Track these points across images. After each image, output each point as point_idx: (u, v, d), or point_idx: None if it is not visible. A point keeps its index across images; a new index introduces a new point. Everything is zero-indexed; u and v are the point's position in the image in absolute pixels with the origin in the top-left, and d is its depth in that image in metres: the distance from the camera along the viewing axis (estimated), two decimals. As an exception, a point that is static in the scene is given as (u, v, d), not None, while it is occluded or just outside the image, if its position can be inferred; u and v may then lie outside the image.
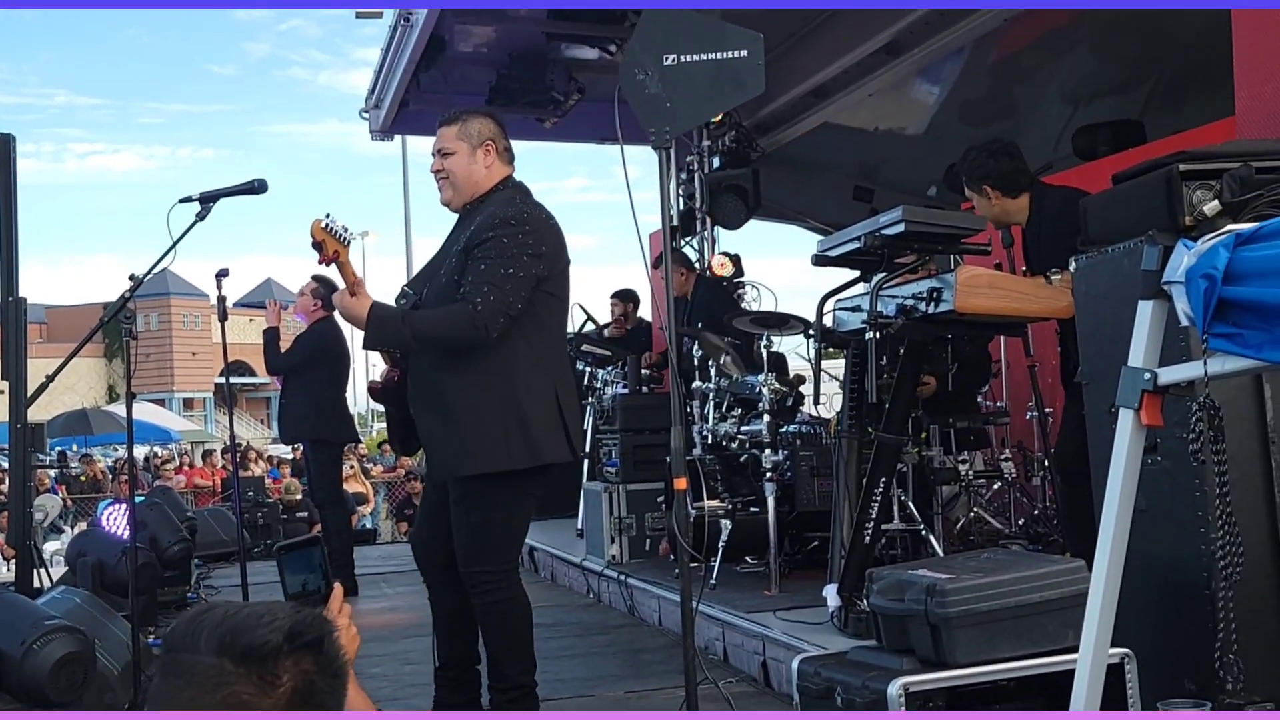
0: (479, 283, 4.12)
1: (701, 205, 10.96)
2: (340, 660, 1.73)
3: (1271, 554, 3.54)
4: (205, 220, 4.95)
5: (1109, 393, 3.33)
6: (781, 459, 6.51)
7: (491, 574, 4.27)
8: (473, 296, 4.11)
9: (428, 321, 4.22)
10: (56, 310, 63.98)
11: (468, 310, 4.10)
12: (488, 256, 4.14)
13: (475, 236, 4.19)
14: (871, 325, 4.91)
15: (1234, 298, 2.08)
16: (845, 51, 9.36)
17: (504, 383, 4.20)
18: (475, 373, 4.21)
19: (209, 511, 11.76)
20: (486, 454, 4.19)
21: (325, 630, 1.71)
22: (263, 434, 56.18)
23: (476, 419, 4.20)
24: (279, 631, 1.65)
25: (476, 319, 4.08)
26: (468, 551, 4.28)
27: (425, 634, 6.77)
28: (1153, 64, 9.25)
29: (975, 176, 5.41)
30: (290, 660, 1.65)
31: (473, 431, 4.20)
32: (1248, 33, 4.66)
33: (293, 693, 1.64)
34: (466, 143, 4.35)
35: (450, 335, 4.19)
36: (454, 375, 4.24)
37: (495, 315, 4.09)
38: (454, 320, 4.15)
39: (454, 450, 4.26)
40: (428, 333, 4.21)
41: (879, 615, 3.81)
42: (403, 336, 4.23)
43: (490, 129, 4.38)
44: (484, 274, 4.12)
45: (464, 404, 4.22)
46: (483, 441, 4.19)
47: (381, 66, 10.58)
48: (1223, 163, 2.53)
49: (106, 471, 22.85)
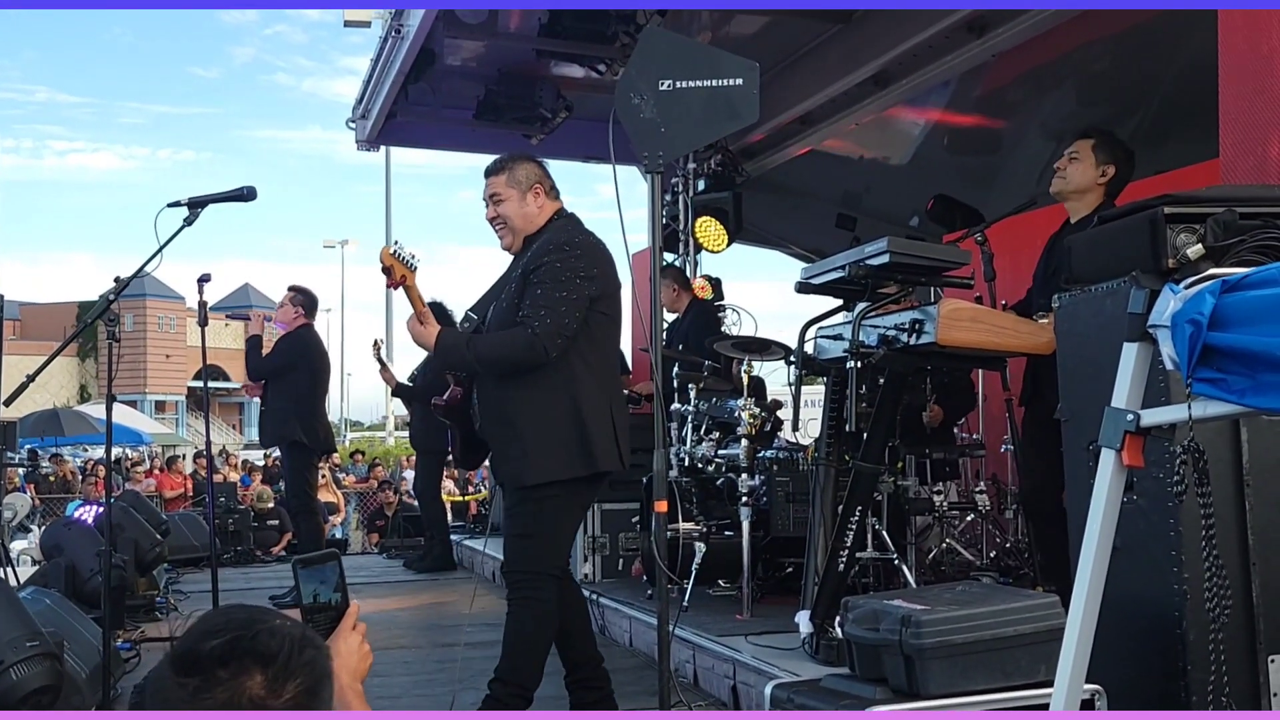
0: (536, 307, 4.40)
1: (685, 227, 11.01)
2: (302, 679, 1.69)
3: (1243, 595, 3.57)
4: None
5: (1088, 431, 3.37)
6: (758, 484, 6.53)
7: (533, 576, 4.50)
8: (530, 320, 4.39)
9: (490, 345, 4.50)
10: (30, 307, 63.63)
11: (526, 334, 4.38)
12: (543, 281, 4.42)
13: (531, 262, 4.49)
14: (853, 354, 4.94)
15: (1218, 344, 2.10)
16: (833, 81, 9.42)
17: (564, 398, 4.45)
18: (538, 389, 4.47)
19: (180, 516, 11.74)
20: (550, 464, 4.45)
21: (281, 646, 1.68)
22: (235, 439, 56.01)
23: (540, 432, 4.46)
24: (219, 640, 1.65)
25: (535, 341, 4.36)
26: (515, 553, 4.55)
27: (394, 646, 6.81)
28: (1136, 103, 9.33)
29: (1106, 147, 5.34)
30: (226, 671, 1.63)
31: (537, 443, 4.46)
32: (1232, 75, 4.71)
33: (224, 704, 1.62)
34: (516, 189, 4.64)
35: (510, 357, 4.45)
36: (518, 391, 4.50)
37: (552, 337, 4.35)
38: (514, 343, 4.42)
39: (520, 461, 4.50)
40: (490, 356, 4.49)
41: (853, 644, 3.83)
42: (467, 360, 4.55)
43: (536, 172, 4.68)
44: (540, 298, 4.40)
45: (528, 418, 4.49)
46: (546, 452, 4.45)
47: (370, 77, 10.58)
48: (1207, 207, 2.55)
49: (76, 472, 22.72)
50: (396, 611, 8.30)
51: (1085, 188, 5.31)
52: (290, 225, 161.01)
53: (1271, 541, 3.60)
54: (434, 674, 6.14)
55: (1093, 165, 5.29)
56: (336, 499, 18.52)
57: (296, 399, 8.52)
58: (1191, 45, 7.54)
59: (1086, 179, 5.30)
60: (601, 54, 9.53)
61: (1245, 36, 4.64)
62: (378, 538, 15.52)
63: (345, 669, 2.23)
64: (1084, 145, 5.33)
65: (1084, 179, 5.30)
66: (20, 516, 14.57)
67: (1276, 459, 3.65)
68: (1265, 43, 4.54)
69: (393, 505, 16.12)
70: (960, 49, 8.27)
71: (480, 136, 11.55)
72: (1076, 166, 5.31)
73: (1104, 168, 5.28)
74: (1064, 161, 5.36)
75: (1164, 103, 9.04)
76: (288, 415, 8.50)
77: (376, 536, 15.85)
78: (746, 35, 9.59)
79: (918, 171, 11.22)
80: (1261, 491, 3.61)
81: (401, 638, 7.15)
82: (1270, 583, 3.58)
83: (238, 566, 11.63)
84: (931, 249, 5.22)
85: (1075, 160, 5.32)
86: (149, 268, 4.93)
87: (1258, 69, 4.58)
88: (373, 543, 15.91)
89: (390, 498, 16.85)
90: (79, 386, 57.27)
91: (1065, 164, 5.35)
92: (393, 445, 38.99)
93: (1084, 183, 5.30)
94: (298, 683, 1.68)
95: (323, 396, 8.85)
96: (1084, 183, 5.30)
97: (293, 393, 8.51)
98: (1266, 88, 4.53)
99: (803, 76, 9.80)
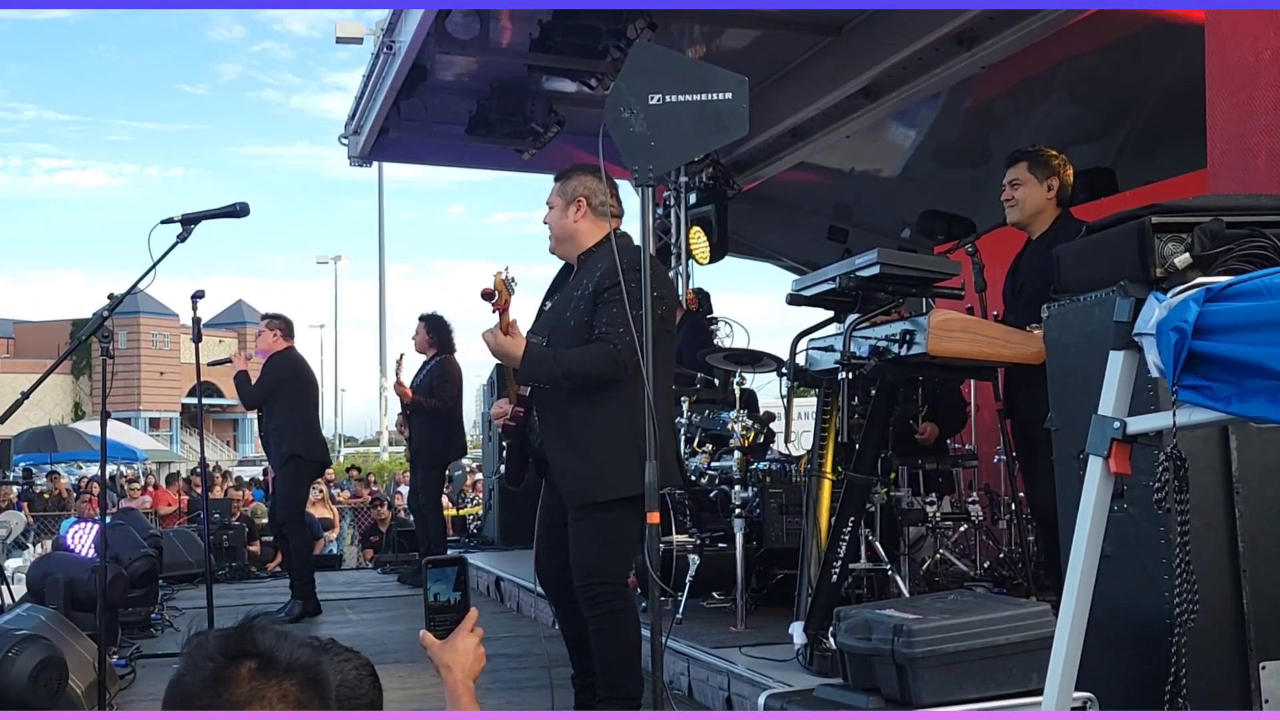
0: (615, 324, 4.44)
1: (677, 240, 11.04)
2: (308, 685, 1.70)
3: (1233, 602, 3.59)
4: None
5: (1077, 439, 3.38)
6: (751, 495, 6.53)
7: (607, 587, 4.53)
8: (610, 337, 4.45)
9: (576, 359, 4.53)
10: (24, 325, 63.60)
11: (609, 349, 4.45)
12: (618, 300, 4.43)
13: (603, 282, 4.51)
14: (844, 365, 4.96)
15: (1204, 351, 2.12)
16: (824, 93, 9.46)
17: (630, 415, 4.45)
18: (606, 405, 4.54)
19: (174, 532, 11.72)
20: (616, 480, 4.49)
21: (330, 686, 1.72)
22: (229, 455, 55.94)
23: (606, 449, 4.53)
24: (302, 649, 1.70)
25: (618, 357, 4.43)
26: (586, 568, 4.56)
27: (389, 661, 6.80)
28: (1126, 114, 9.38)
29: (1039, 163, 5.48)
30: (266, 673, 1.66)
31: (604, 461, 4.52)
32: (1220, 84, 4.74)
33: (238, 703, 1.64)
34: (562, 199, 4.74)
35: (594, 372, 4.52)
36: (585, 409, 4.57)
37: (630, 353, 4.35)
38: (598, 358, 4.49)
39: (587, 478, 4.55)
40: (577, 370, 4.53)
41: (846, 654, 3.84)
42: (555, 374, 4.54)
43: (585, 186, 4.72)
44: (618, 316, 4.43)
45: (595, 436, 4.55)
46: (613, 469, 4.50)
47: (362, 93, 10.61)
48: (1194, 216, 2.58)
49: (70, 489, 22.67)
50: (391, 627, 8.30)
51: (1039, 208, 5.49)
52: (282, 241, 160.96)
53: (1261, 549, 3.61)
54: (429, 688, 6.14)
55: (1037, 184, 5.46)
56: (332, 514, 18.50)
57: (292, 415, 8.62)
58: (1179, 57, 7.57)
59: (1037, 199, 5.47)
60: (593, 68, 9.55)
61: (1232, 46, 4.67)
62: (372, 553, 15.50)
63: (461, 667, 2.42)
64: (1019, 169, 5.52)
65: (1035, 200, 5.48)
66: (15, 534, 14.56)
67: (1266, 467, 3.66)
68: (1252, 52, 4.57)
69: (386, 521, 16.11)
70: (950, 61, 8.32)
71: (472, 151, 11.61)
72: (1023, 191, 5.48)
73: (1048, 182, 5.45)
74: (1009, 192, 5.54)
75: (1152, 114, 9.09)
76: (283, 433, 8.58)
77: (371, 552, 15.82)
78: (737, 49, 9.63)
79: (909, 183, 11.27)
80: (1251, 499, 3.63)
81: (397, 653, 7.14)
82: (1260, 589, 3.59)
83: (233, 582, 11.61)
84: (922, 260, 5.26)
85: (1019, 185, 5.50)
86: (142, 284, 4.93)
87: (1245, 78, 4.61)
88: (367, 558, 15.88)
89: (384, 513, 16.83)
90: (73, 404, 57.14)
91: (1011, 194, 5.52)
92: (387, 460, 38.94)
93: (1036, 204, 5.48)
94: (294, 679, 1.69)
95: (316, 412, 8.92)
96: (1036, 204, 5.48)
97: (286, 409, 8.60)
98: (1254, 97, 4.56)
99: (793, 89, 9.85)
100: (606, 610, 4.53)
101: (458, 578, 2.48)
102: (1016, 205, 5.50)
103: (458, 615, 2.46)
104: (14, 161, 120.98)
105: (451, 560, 2.50)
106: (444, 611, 2.46)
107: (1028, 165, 5.49)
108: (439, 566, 2.49)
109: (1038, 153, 5.58)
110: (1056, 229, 5.38)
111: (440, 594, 2.47)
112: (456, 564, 2.50)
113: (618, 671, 4.53)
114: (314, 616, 8.46)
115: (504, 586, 9.38)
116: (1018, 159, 5.54)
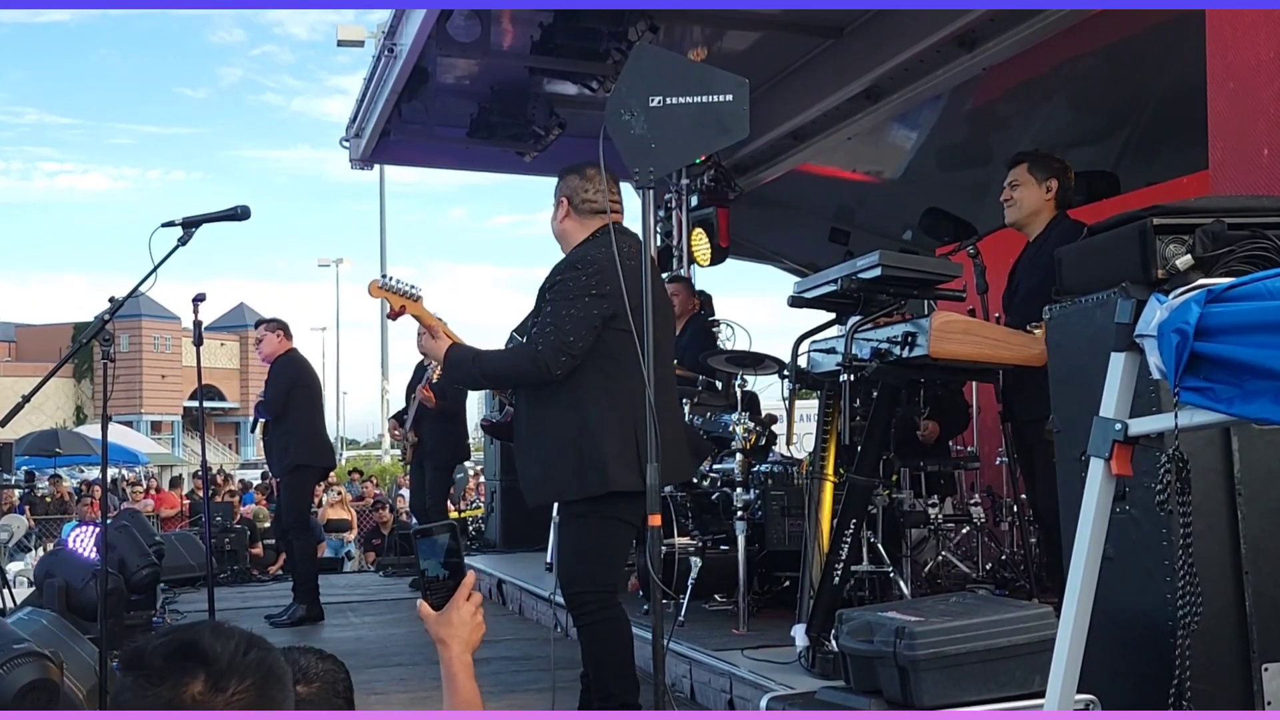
0: (544, 323, 4.42)
1: (679, 242, 11.04)
2: (250, 679, 1.70)
3: (1236, 604, 3.58)
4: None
5: (1079, 441, 3.37)
6: (753, 498, 6.53)
7: (590, 595, 4.46)
8: (536, 338, 4.42)
9: (495, 361, 4.58)
10: (26, 329, 63.61)
11: (530, 349, 4.41)
12: (554, 299, 4.43)
13: (547, 281, 4.51)
14: (846, 368, 4.96)
15: (1205, 353, 2.11)
16: (825, 96, 9.46)
17: (576, 416, 4.41)
18: (550, 407, 4.48)
19: (176, 536, 11.70)
20: (560, 483, 4.46)
21: (225, 647, 1.70)
22: (231, 458, 55.94)
23: (550, 450, 4.47)
24: (162, 640, 1.69)
25: (537, 357, 4.35)
26: (566, 574, 4.53)
27: (391, 664, 6.81)
28: (1127, 116, 9.37)
29: (1040, 165, 5.54)
30: (167, 667, 1.66)
31: (548, 462, 4.49)
32: (1222, 88, 4.74)
33: (168, 702, 1.64)
34: (555, 200, 4.73)
35: (513, 374, 4.55)
36: (535, 410, 4.54)
37: (555, 354, 4.33)
38: (517, 359, 4.51)
39: (535, 479, 4.57)
40: (495, 371, 4.61)
41: (848, 656, 3.84)
42: (473, 375, 4.61)
43: (568, 186, 4.69)
44: (549, 315, 4.41)
45: (541, 437, 4.51)
46: (557, 471, 4.45)
47: (364, 96, 10.61)
48: (1196, 217, 2.57)
49: (73, 493, 22.66)
50: (393, 630, 8.29)
51: (1036, 209, 5.53)
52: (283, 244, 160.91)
53: (1263, 550, 3.61)
54: (431, 692, 6.13)
55: (1035, 185, 5.51)
56: (350, 515, 18.53)
57: (297, 422, 8.59)
58: (1181, 58, 7.57)
59: (1035, 200, 5.52)
60: (594, 71, 9.56)
61: (1234, 46, 4.67)
62: (375, 555, 15.50)
63: (457, 639, 2.34)
64: (1020, 171, 5.57)
65: (1033, 201, 5.52)
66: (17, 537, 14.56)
67: (1268, 468, 3.66)
68: (1253, 51, 4.57)
69: (388, 524, 16.11)
70: (951, 63, 8.32)
71: (474, 154, 11.60)
72: (1022, 191, 5.54)
73: (1046, 184, 5.49)
74: (1008, 192, 5.59)
75: (1154, 115, 9.09)
76: (289, 441, 8.57)
77: (373, 555, 15.82)
78: (738, 51, 9.63)
79: (910, 185, 11.26)
80: (1253, 500, 3.62)
81: (399, 656, 7.14)
82: (1263, 591, 3.59)
83: (234, 586, 11.60)
84: (923, 262, 5.26)
85: (1018, 187, 5.55)
86: (144, 288, 4.92)
87: (1246, 77, 4.61)
88: (370, 561, 15.88)
89: (386, 516, 16.84)
90: (75, 408, 57.15)
91: (1010, 194, 5.58)
92: (388, 463, 38.91)
93: (1034, 204, 5.52)
94: (245, 682, 1.68)
95: (321, 415, 8.90)
96: (1034, 204, 5.52)
97: (292, 417, 8.58)
98: (1255, 96, 4.56)
99: (795, 91, 9.85)
100: (590, 620, 4.48)
101: (449, 546, 2.40)
102: (1014, 205, 5.55)
103: (454, 582, 2.38)
104: (15, 165, 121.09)
105: (442, 527, 2.43)
106: (438, 581, 2.39)
107: (1028, 166, 5.55)
108: (428, 536, 2.42)
109: (1036, 153, 5.63)
110: (1050, 230, 5.41)
111: (430, 569, 2.39)
112: (447, 530, 2.43)
113: (609, 679, 4.49)
114: (316, 621, 8.45)
115: (506, 589, 9.37)
116: (1019, 160, 5.60)
